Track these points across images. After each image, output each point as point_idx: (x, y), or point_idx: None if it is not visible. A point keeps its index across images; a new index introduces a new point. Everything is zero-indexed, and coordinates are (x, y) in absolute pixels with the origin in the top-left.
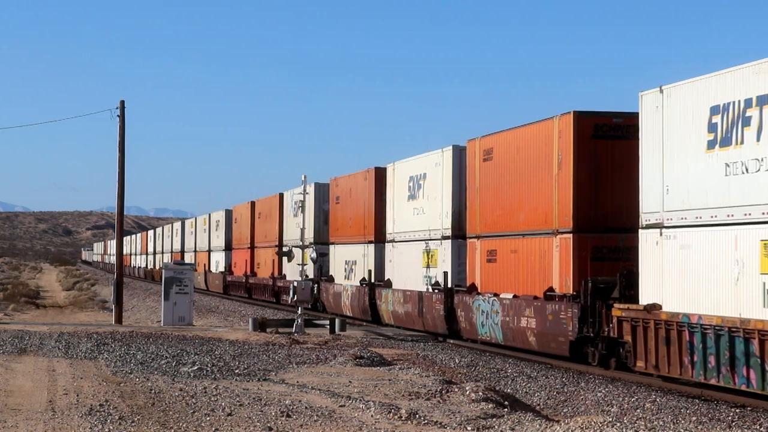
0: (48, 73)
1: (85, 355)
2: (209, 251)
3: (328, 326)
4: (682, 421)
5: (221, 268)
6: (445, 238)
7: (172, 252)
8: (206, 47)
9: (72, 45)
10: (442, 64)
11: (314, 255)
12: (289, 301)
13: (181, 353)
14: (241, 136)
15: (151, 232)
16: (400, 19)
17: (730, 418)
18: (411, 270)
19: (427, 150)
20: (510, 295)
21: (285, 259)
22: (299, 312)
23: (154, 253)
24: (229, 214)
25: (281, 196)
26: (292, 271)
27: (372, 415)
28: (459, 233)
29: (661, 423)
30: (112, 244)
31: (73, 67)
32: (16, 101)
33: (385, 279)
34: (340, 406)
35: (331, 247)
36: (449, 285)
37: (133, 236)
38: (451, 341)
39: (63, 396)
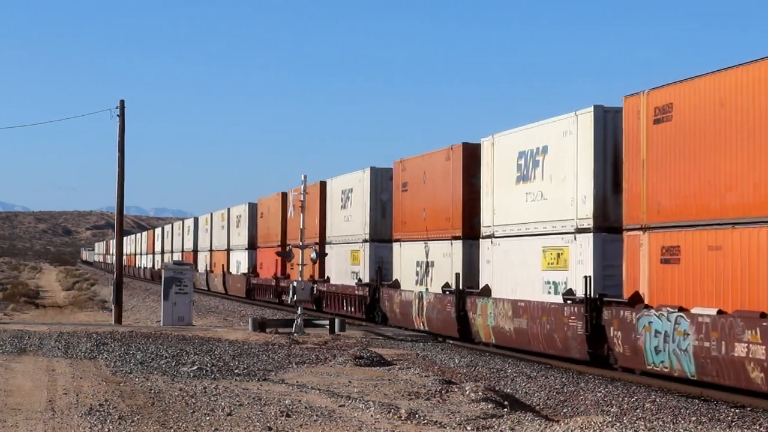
0: (48, 73)
1: (85, 355)
2: (228, 250)
3: (328, 326)
4: (682, 422)
5: (243, 269)
6: (581, 231)
7: (183, 251)
8: (206, 47)
9: (72, 45)
10: (443, 63)
11: (314, 255)
12: (289, 301)
13: (180, 353)
14: (241, 136)
15: (158, 230)
16: (400, 19)
17: (729, 418)
18: (523, 274)
19: (434, 146)
20: (711, 311)
21: (286, 258)
22: (299, 312)
23: (162, 252)
24: (253, 208)
25: (323, 184)
26: (339, 273)
27: (372, 415)
28: (604, 224)
29: (660, 423)
30: (114, 244)
31: (73, 67)
32: (16, 101)
33: (481, 285)
34: (340, 406)
35: (395, 245)
36: (591, 294)
37: (138, 235)
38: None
39: (63, 396)
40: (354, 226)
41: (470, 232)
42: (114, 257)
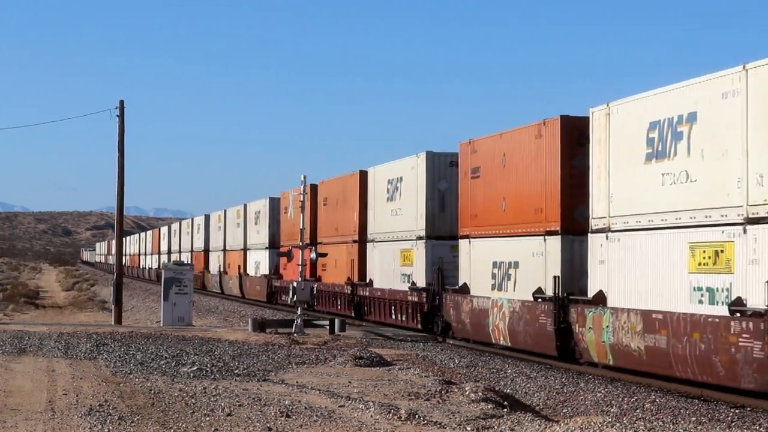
0: (48, 73)
1: (85, 356)
2: (245, 250)
3: (328, 326)
4: (682, 422)
5: (264, 271)
6: (753, 221)
7: (192, 251)
8: (206, 47)
9: (72, 45)
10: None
11: (314, 255)
12: (289, 302)
13: (180, 353)
14: (241, 137)
15: (164, 229)
16: (398, 19)
17: (729, 418)
18: (658, 277)
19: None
20: None
21: (282, 258)
22: (299, 312)
23: (168, 252)
24: (274, 203)
25: (363, 174)
26: (386, 275)
27: (371, 416)
28: None
29: (660, 423)
30: (124, 242)
31: (73, 67)
32: (16, 101)
33: (591, 291)
34: (340, 406)
35: (463, 242)
36: None
37: (143, 234)
38: (451, 341)
39: (62, 396)
40: (405, 222)
41: (571, 226)
42: (124, 257)
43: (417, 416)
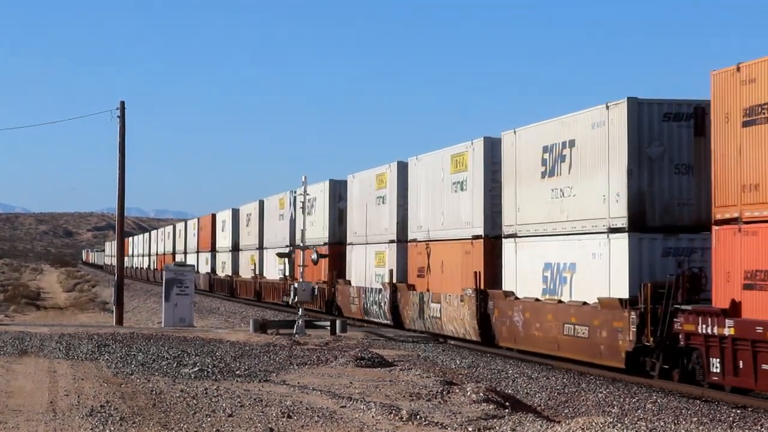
0: (49, 74)
1: (86, 357)
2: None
3: (329, 327)
4: (683, 422)
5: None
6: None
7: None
8: (206, 48)
9: (73, 46)
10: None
11: (315, 256)
12: (290, 303)
13: (182, 354)
14: (242, 137)
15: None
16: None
17: (731, 418)
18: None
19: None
20: None
21: (286, 260)
22: (300, 313)
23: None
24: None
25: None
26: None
27: (373, 416)
28: None
29: (662, 424)
30: (135, 242)
31: (74, 68)
32: (16, 102)
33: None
34: (341, 407)
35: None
36: None
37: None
38: (452, 342)
39: (64, 397)
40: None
41: None
42: (135, 258)
43: (418, 417)
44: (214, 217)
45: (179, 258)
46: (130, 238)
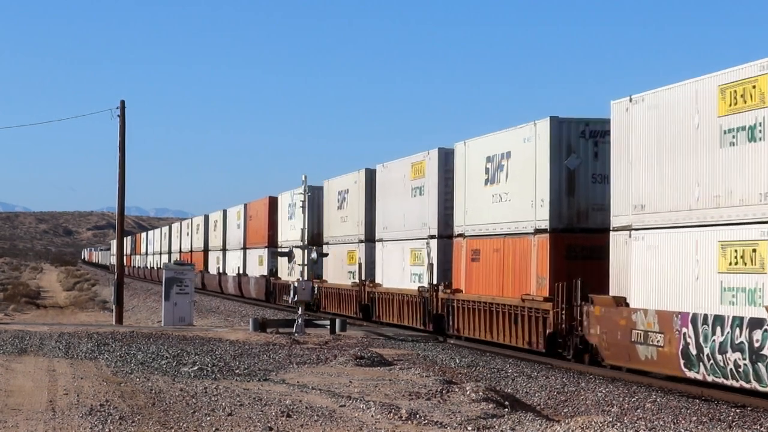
0: (48, 73)
1: (86, 356)
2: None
3: (329, 326)
4: (683, 421)
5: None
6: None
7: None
8: (207, 47)
9: (73, 45)
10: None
11: (315, 255)
12: (290, 302)
13: (181, 353)
14: (242, 137)
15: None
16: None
17: (730, 418)
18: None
19: None
20: None
21: (285, 259)
22: (299, 312)
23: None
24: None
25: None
26: None
27: (372, 415)
28: None
29: (661, 423)
30: (147, 239)
31: (73, 67)
32: (16, 101)
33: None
34: (341, 406)
35: None
36: None
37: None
38: (452, 341)
39: (63, 396)
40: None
41: None
42: (150, 257)
43: (418, 416)
44: (273, 201)
45: (217, 255)
46: (144, 234)
